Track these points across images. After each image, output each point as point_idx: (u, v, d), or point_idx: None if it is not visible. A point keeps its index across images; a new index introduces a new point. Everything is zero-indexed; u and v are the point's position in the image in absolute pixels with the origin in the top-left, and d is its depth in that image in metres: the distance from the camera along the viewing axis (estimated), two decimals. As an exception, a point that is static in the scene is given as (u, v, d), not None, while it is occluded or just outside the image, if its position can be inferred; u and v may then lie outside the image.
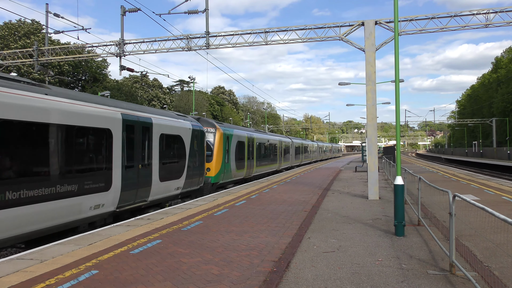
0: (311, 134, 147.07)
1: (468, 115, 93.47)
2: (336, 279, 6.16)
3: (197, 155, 17.51)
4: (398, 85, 9.88)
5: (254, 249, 7.88)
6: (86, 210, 10.27)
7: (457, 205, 6.34)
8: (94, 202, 10.52)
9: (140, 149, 12.93)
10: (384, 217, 11.55)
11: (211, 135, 20.68)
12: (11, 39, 48.79)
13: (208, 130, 20.39)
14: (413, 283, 5.95)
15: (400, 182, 9.41)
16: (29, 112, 8.61)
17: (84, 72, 59.22)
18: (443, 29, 17.32)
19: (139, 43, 21.62)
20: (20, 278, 6.17)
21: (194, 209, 13.11)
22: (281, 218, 11.31)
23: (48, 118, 9.12)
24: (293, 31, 19.05)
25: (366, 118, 16.31)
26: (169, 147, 15.07)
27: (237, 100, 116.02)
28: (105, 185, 10.99)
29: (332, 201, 14.98)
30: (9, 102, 8.18)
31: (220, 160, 20.79)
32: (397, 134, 10.03)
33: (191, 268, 6.67)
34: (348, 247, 8.09)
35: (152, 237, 8.93)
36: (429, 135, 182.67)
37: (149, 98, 75.05)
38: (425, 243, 8.39)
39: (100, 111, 11.03)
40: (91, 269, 6.61)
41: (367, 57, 16.01)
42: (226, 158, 21.76)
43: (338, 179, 25.65)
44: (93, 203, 10.48)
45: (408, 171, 14.97)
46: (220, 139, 20.95)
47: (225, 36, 20.08)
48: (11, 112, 8.19)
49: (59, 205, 9.28)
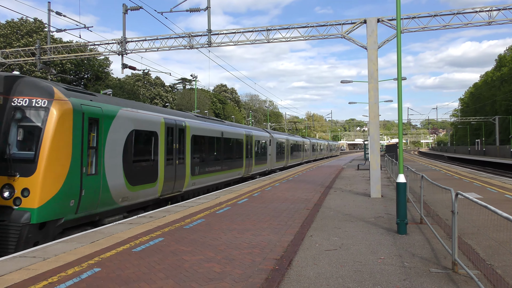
0: (313, 132, 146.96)
1: (471, 113, 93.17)
2: (338, 277, 6.15)
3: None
4: (401, 83, 9.84)
5: (256, 247, 7.88)
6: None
7: (459, 203, 6.32)
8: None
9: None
10: (386, 215, 11.53)
11: (37, 113, 9.54)
12: (13, 37, 48.89)
13: (29, 103, 9.51)
14: (415, 281, 5.93)
15: (403, 180, 9.39)
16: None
17: (87, 70, 59.34)
18: (446, 27, 17.24)
19: (141, 41, 21.62)
20: (22, 276, 6.19)
21: (196, 207, 13.12)
22: (283, 216, 11.31)
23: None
24: (295, 29, 19.02)
25: (369, 116, 16.28)
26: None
27: (239, 98, 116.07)
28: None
29: (334, 199, 14.97)
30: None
31: (62, 170, 9.58)
32: (400, 132, 10.00)
33: (193, 266, 6.68)
34: (350, 245, 8.08)
35: (154, 235, 8.94)
36: (431, 133, 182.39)
37: (151, 96, 75.13)
38: (427, 241, 8.37)
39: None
40: (94, 267, 6.62)
41: (369, 55, 15.96)
42: (91, 163, 10.69)
43: (340, 177, 25.62)
44: None
45: (411, 169, 14.92)
46: (64, 124, 9.66)
47: (227, 34, 20.06)
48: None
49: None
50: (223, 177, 21.33)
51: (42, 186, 8.99)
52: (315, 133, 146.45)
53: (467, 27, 17.37)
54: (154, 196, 13.89)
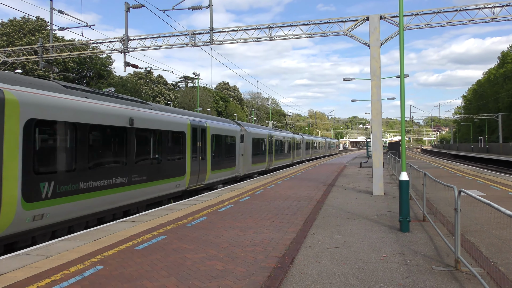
0: (316, 130, 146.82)
1: (474, 110, 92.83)
2: (340, 275, 6.14)
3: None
4: (403, 80, 9.80)
5: (258, 244, 7.88)
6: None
7: (462, 200, 6.30)
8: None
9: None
10: (389, 212, 11.51)
11: None
12: (16, 36, 48.96)
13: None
14: (418, 279, 5.92)
15: (405, 177, 9.36)
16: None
17: (89, 68, 59.40)
18: (449, 24, 17.18)
19: (143, 39, 21.62)
20: (25, 273, 6.21)
21: (199, 205, 13.13)
22: (285, 214, 11.30)
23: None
24: (298, 26, 18.98)
25: (371, 113, 16.23)
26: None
27: (241, 96, 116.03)
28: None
29: (336, 197, 14.95)
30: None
31: None
32: (402, 129, 9.96)
33: (196, 263, 6.68)
34: (352, 243, 8.07)
35: (157, 233, 8.95)
36: (434, 131, 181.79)
37: (154, 94, 75.17)
38: (430, 239, 8.35)
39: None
40: (96, 264, 6.64)
41: (372, 52, 15.92)
42: None
43: (343, 175, 25.59)
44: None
45: (413, 167, 14.91)
46: None
47: (229, 32, 20.04)
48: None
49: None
50: (129, 197, 12.74)
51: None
52: (317, 131, 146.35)
53: (470, 24, 17.33)
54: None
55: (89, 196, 10.89)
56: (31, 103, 9.05)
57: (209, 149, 19.44)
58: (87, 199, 10.84)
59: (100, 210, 11.52)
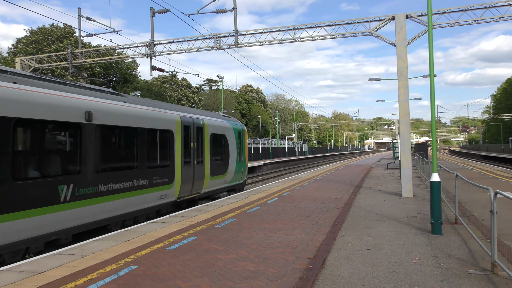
0: (340, 131, 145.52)
1: (504, 110, 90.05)
2: (373, 277, 6.08)
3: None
4: (433, 80, 9.63)
5: (288, 246, 7.88)
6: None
7: (497, 202, 6.15)
8: None
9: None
10: (419, 215, 11.31)
11: None
12: (44, 43, 50.47)
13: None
14: (454, 283, 5.81)
15: (436, 179, 9.19)
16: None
17: (115, 73, 60.62)
18: (478, 21, 16.76)
19: (169, 43, 21.93)
20: (63, 272, 6.40)
21: (227, 206, 13.22)
22: (313, 215, 11.26)
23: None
24: (322, 27, 18.88)
25: (399, 114, 16.00)
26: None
27: (265, 98, 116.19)
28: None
29: (364, 199, 14.79)
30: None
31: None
32: (433, 130, 9.80)
33: (227, 264, 6.74)
34: (383, 245, 7.98)
35: (187, 234, 9.07)
36: (462, 131, 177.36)
37: (178, 97, 76.11)
38: (463, 242, 8.17)
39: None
40: (130, 264, 6.78)
41: (399, 52, 15.70)
42: None
43: (369, 177, 25.29)
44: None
45: (444, 168, 14.60)
46: None
47: (253, 34, 20.11)
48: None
49: None
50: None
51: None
52: (341, 132, 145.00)
53: (500, 20, 16.80)
54: None
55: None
56: None
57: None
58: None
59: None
